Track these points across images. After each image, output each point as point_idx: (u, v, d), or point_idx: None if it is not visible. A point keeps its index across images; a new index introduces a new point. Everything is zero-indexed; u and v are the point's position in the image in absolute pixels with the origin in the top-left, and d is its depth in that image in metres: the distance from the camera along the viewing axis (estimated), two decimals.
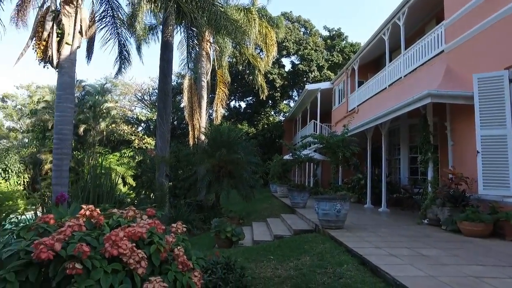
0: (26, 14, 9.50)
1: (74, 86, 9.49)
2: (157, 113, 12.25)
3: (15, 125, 32.43)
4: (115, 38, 11.16)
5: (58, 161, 8.77)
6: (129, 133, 30.10)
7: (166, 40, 10.72)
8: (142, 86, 32.89)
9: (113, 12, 10.70)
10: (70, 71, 9.06)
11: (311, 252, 5.45)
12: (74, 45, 9.10)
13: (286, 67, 32.35)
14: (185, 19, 8.60)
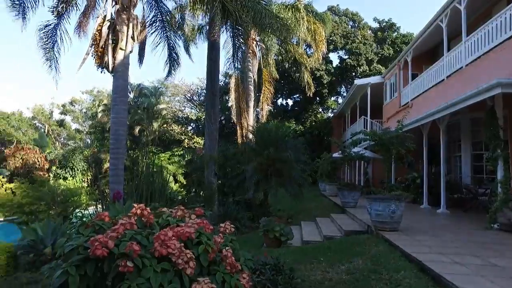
0: (86, 25, 10.18)
1: (127, 89, 9.99)
2: (205, 113, 12.52)
3: (80, 127, 35.26)
4: (165, 42, 11.57)
5: (114, 160, 9.30)
6: (179, 133, 31.26)
7: (212, 41, 10.89)
8: (191, 87, 33.97)
9: (162, 16, 11.10)
10: (123, 75, 9.55)
11: (364, 255, 5.16)
12: (127, 50, 9.57)
13: (334, 63, 31.45)
14: (231, 18, 8.64)
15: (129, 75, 9.98)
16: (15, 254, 6.43)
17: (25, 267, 6.29)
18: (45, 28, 10.23)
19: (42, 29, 10.23)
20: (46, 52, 10.42)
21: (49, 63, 10.52)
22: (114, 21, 9.42)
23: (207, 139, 12.38)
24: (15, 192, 12.11)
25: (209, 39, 11.47)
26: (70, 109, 35.23)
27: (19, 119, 31.75)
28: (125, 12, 9.51)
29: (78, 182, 21.52)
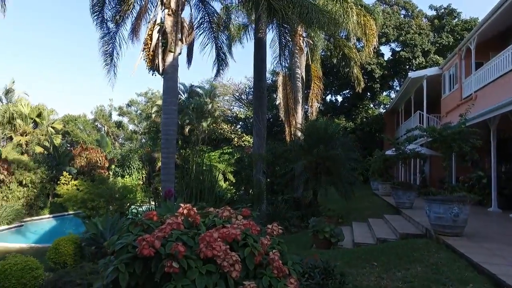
0: (139, 30, 10.70)
1: (177, 90, 10.30)
2: (253, 111, 12.52)
3: (136, 128, 37.41)
4: (212, 42, 11.79)
5: (165, 159, 9.64)
6: (228, 132, 31.80)
7: (258, 39, 10.83)
8: (239, 86, 34.38)
9: (209, 17, 11.30)
10: (173, 76, 9.85)
11: (422, 262, 4.75)
12: (176, 52, 9.85)
13: (386, 56, 29.89)
14: (276, 16, 8.50)
15: (178, 77, 10.27)
16: (80, 245, 6.90)
17: (88, 258, 6.73)
18: (105, 36, 10.99)
19: (103, 37, 11.00)
20: (106, 58, 11.18)
21: (108, 67, 11.29)
22: (164, 24, 9.74)
23: (255, 137, 12.39)
24: (79, 188, 13.17)
25: (256, 38, 11.43)
26: (126, 111, 37.53)
27: (84, 122, 34.49)
28: (174, 16, 9.79)
29: (134, 180, 22.82)
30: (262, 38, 11.02)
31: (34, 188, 16.20)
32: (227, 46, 16.13)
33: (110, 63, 11.28)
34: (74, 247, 6.79)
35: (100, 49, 11.09)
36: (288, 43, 10.95)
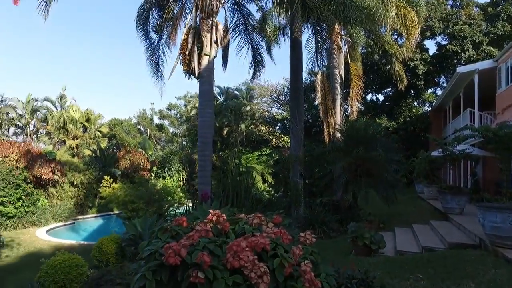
0: (175, 36, 10.93)
1: (213, 93, 10.37)
2: (290, 112, 12.31)
3: (176, 131, 38.58)
4: (248, 44, 11.75)
5: (202, 162, 9.73)
6: (266, 133, 31.76)
7: (294, 39, 10.63)
8: (277, 87, 34.21)
9: (245, 20, 11.28)
10: (209, 79, 9.93)
11: (477, 277, 4.29)
12: (211, 55, 9.92)
13: (430, 51, 28.19)
14: (311, 14, 8.25)
15: (214, 80, 10.35)
16: (121, 245, 7.13)
17: (129, 258, 6.93)
18: (151, 46, 11.45)
19: (150, 47, 11.46)
20: (153, 66, 11.63)
21: (156, 75, 11.73)
22: (199, 28, 9.85)
23: (292, 139, 12.18)
24: (119, 191, 13.80)
25: (291, 38, 11.23)
26: (167, 114, 38.82)
27: (129, 125, 36.17)
28: (208, 20, 9.88)
29: (174, 181, 23.48)
30: (297, 38, 10.80)
31: (84, 188, 17.21)
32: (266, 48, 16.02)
33: (157, 71, 11.71)
34: (115, 247, 7.04)
35: (147, 59, 11.62)
36: (325, 42, 10.64)
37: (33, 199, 14.50)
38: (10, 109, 27.73)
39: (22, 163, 14.65)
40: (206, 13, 10.02)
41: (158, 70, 11.28)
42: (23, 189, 14.07)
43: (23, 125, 28.40)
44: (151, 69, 11.30)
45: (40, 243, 11.71)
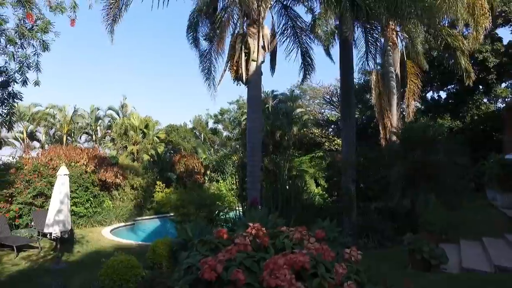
0: (223, 44, 11.18)
1: (261, 98, 10.39)
2: (340, 115, 11.89)
3: (230, 134, 39.49)
4: (297, 47, 11.60)
5: (251, 167, 9.75)
6: (319, 136, 31.16)
7: (343, 39, 10.22)
8: (329, 88, 33.46)
9: (293, 23, 11.15)
10: (256, 85, 9.95)
11: None
12: (259, 60, 9.94)
13: (504, 40, 25.30)
14: (360, 12, 7.85)
15: (262, 85, 10.37)
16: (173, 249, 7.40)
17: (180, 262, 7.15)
18: (203, 54, 11.91)
19: (202, 55, 11.93)
20: (205, 73, 12.07)
21: (208, 81, 12.19)
22: (246, 35, 9.93)
23: (344, 142, 11.73)
24: (172, 195, 14.43)
25: (340, 37, 10.82)
26: (221, 118, 39.91)
27: (185, 130, 37.83)
28: (255, 25, 9.92)
29: (228, 185, 23.95)
30: (347, 38, 10.36)
31: (143, 191, 18.31)
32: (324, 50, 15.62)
33: (209, 77, 12.13)
34: (168, 250, 7.31)
35: (199, 66, 12.12)
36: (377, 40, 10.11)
37: (99, 201, 15.77)
38: (80, 118, 30.89)
39: (90, 168, 16.00)
40: (253, 19, 10.08)
41: (209, 77, 11.66)
42: (91, 191, 15.37)
43: (91, 132, 31.37)
44: (203, 76, 11.73)
45: (104, 241, 12.68)
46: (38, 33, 6.89)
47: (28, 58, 7.09)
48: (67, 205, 10.54)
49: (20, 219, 12.74)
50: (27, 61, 7.08)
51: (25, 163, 14.66)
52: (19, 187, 13.28)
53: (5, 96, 6.97)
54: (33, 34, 6.83)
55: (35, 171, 14.08)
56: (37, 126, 30.95)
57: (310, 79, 12.75)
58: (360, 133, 19.13)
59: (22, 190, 13.26)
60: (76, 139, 31.45)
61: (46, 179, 13.74)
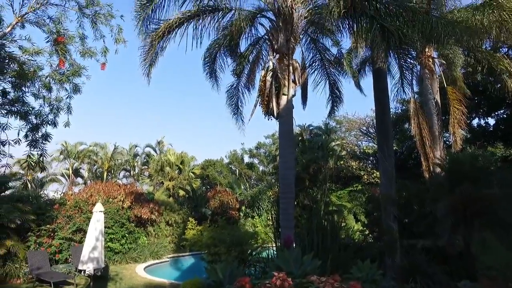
0: (253, 79, 11.28)
1: (293, 132, 10.16)
2: (378, 147, 11.30)
3: (266, 169, 39.29)
4: (325, 80, 11.45)
5: (284, 205, 9.33)
6: (357, 168, 30.05)
7: (376, 68, 9.91)
8: (365, 119, 32.65)
9: (321, 55, 11.07)
10: (288, 119, 9.76)
11: None
12: (289, 94, 9.81)
13: None
14: (392, 39, 7.57)
15: (294, 118, 10.17)
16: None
17: None
18: (230, 88, 12.12)
19: (228, 90, 12.15)
20: (232, 107, 12.22)
21: (235, 116, 12.31)
22: (275, 69, 9.93)
23: (382, 176, 11.01)
24: (203, 233, 14.21)
25: (373, 67, 10.53)
26: (256, 153, 40.05)
27: (221, 165, 38.24)
28: (285, 59, 9.90)
29: (263, 221, 23.37)
30: (380, 67, 10.04)
31: (177, 227, 18.28)
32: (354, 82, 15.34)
33: (237, 112, 12.26)
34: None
35: (227, 101, 12.30)
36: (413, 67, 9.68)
37: (135, 237, 15.88)
38: (119, 155, 32.53)
39: (126, 203, 16.33)
40: (282, 53, 10.10)
41: (237, 111, 11.74)
42: (127, 227, 15.56)
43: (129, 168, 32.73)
44: (230, 111, 11.85)
45: (137, 279, 12.56)
46: (70, 77, 7.33)
47: (61, 101, 7.53)
48: (102, 242, 10.64)
49: (60, 254, 13.09)
50: (59, 104, 7.53)
51: (68, 199, 15.31)
52: (61, 223, 13.76)
53: (37, 138, 7.34)
54: (64, 78, 7.28)
55: (76, 207, 14.60)
56: (81, 163, 32.94)
57: (337, 111, 12.48)
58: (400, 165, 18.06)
59: (63, 226, 13.71)
60: (115, 175, 32.89)
61: (85, 215, 14.16)
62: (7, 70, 6.39)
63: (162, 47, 10.37)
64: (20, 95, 6.85)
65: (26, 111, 6.90)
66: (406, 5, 8.31)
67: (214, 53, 11.04)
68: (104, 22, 7.59)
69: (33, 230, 12.91)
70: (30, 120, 7.08)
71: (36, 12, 6.85)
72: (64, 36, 7.04)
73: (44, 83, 7.29)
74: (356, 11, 8.56)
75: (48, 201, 15.36)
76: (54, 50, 7.16)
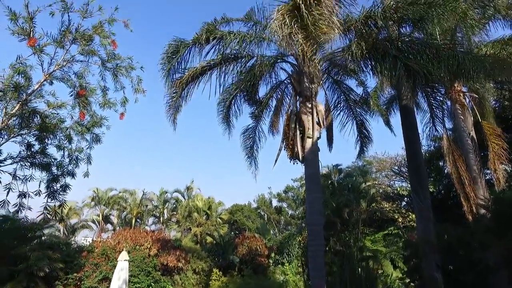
0: (277, 124, 11.26)
1: (319, 176, 9.83)
2: (411, 188, 10.65)
3: (294, 213, 38.14)
4: (352, 120, 11.21)
5: (312, 252, 8.78)
6: (391, 210, 28.46)
7: (403, 106, 9.62)
8: (396, 158, 31.46)
9: (345, 96, 10.96)
10: (314, 162, 9.48)
11: None
12: (314, 137, 9.62)
13: None
14: (418, 77, 7.35)
15: (320, 161, 9.88)
16: None
17: None
18: (245, 131, 12.08)
19: (243, 132, 12.10)
20: (247, 150, 12.08)
21: (250, 160, 12.12)
22: (299, 112, 9.86)
23: (418, 219, 10.27)
24: (228, 286, 13.54)
25: (400, 105, 10.24)
26: (285, 196, 39.17)
27: (249, 210, 37.59)
28: (308, 102, 9.84)
29: (294, 268, 22.17)
30: (407, 105, 9.75)
31: (204, 275, 17.64)
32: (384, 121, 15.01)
33: (251, 156, 12.08)
34: None
35: (241, 144, 12.18)
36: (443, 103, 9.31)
37: (160, 286, 15.41)
38: (148, 201, 32.84)
39: (153, 251, 16.08)
40: (305, 96, 10.07)
41: (251, 155, 11.59)
42: (153, 276, 15.19)
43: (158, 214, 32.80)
44: (245, 154, 11.69)
45: None
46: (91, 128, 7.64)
47: (81, 151, 7.80)
48: None
49: None
50: (80, 154, 7.80)
51: (96, 246, 15.33)
52: (88, 271, 13.68)
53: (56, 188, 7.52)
54: (84, 129, 7.60)
55: (103, 255, 14.54)
56: (111, 210, 33.50)
57: (367, 151, 12.02)
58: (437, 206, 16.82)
59: (90, 274, 13.60)
60: (144, 221, 33.00)
61: (112, 263, 14.02)
62: (31, 124, 6.76)
63: (187, 94, 10.69)
64: (44, 147, 7.15)
65: (48, 163, 7.16)
66: (430, 43, 8.18)
67: (230, 98, 11.20)
68: (125, 73, 8.02)
69: (61, 278, 12.88)
70: (52, 172, 7.31)
71: (62, 69, 7.37)
72: (85, 89, 7.46)
73: (66, 135, 7.62)
74: (378, 52, 8.52)
75: (77, 248, 15.45)
76: (76, 103, 7.57)
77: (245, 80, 10.47)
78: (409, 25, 8.85)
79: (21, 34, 6.77)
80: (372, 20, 8.50)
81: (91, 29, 7.47)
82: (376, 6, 8.55)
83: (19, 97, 6.83)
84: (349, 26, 9.02)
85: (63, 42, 7.20)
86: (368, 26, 8.60)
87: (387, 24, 8.64)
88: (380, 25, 8.45)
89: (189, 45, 9.63)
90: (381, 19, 8.15)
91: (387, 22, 8.36)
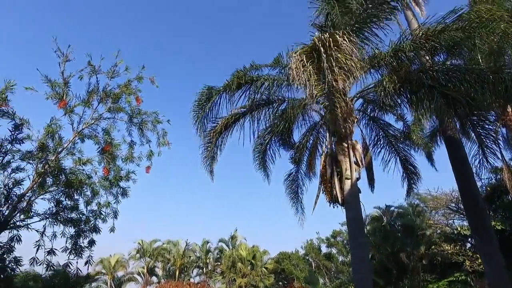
0: (313, 167, 10.90)
1: (362, 219, 9.11)
2: (470, 229, 9.47)
3: (345, 259, 35.65)
4: (395, 156, 10.55)
5: None
6: (454, 253, 25.55)
7: (448, 137, 8.86)
8: (452, 194, 28.86)
9: (385, 132, 10.44)
10: (354, 204, 8.84)
11: None
12: (353, 178, 9.07)
13: None
14: (459, 106, 6.78)
15: (362, 203, 9.19)
16: None
17: None
18: (288, 177, 11.81)
19: (286, 178, 11.83)
20: (292, 196, 11.74)
21: (295, 205, 11.74)
22: (335, 153, 9.45)
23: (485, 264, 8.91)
24: None
25: (445, 136, 9.47)
26: (334, 241, 37.01)
27: (297, 258, 35.78)
28: (344, 142, 9.44)
29: None
30: (452, 136, 8.97)
31: None
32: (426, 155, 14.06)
33: (297, 201, 11.72)
34: None
35: (286, 190, 11.90)
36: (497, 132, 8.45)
37: None
38: (191, 252, 32.44)
39: None
40: (340, 136, 9.70)
41: (297, 200, 11.23)
42: None
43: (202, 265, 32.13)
44: (290, 200, 11.35)
45: None
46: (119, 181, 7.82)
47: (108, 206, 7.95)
48: None
49: None
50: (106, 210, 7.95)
51: None
52: None
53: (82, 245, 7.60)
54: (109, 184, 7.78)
55: None
56: (156, 261, 33.44)
57: (416, 189, 11.11)
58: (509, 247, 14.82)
59: None
60: (188, 273, 32.41)
61: None
62: (58, 182, 7.09)
63: (221, 143, 10.76)
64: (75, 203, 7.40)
65: (78, 219, 7.35)
66: (469, 68, 7.65)
67: (265, 143, 11.09)
68: (151, 128, 8.32)
69: None
70: (81, 227, 7.48)
71: (91, 126, 7.82)
72: (110, 145, 7.78)
73: (93, 191, 7.87)
74: (412, 83, 8.11)
75: None
76: (102, 158, 7.90)
77: (278, 124, 10.41)
78: (444, 52, 8.45)
79: (55, 98, 7.39)
80: (402, 53, 8.22)
81: (117, 88, 8.00)
82: (404, 37, 8.31)
83: (46, 157, 7.27)
84: (379, 61, 8.78)
85: (90, 102, 7.73)
86: (399, 58, 8.30)
87: (419, 54, 8.29)
88: (411, 57, 8.12)
89: (219, 91, 9.83)
90: (411, 51, 7.84)
91: (418, 52, 8.03)
